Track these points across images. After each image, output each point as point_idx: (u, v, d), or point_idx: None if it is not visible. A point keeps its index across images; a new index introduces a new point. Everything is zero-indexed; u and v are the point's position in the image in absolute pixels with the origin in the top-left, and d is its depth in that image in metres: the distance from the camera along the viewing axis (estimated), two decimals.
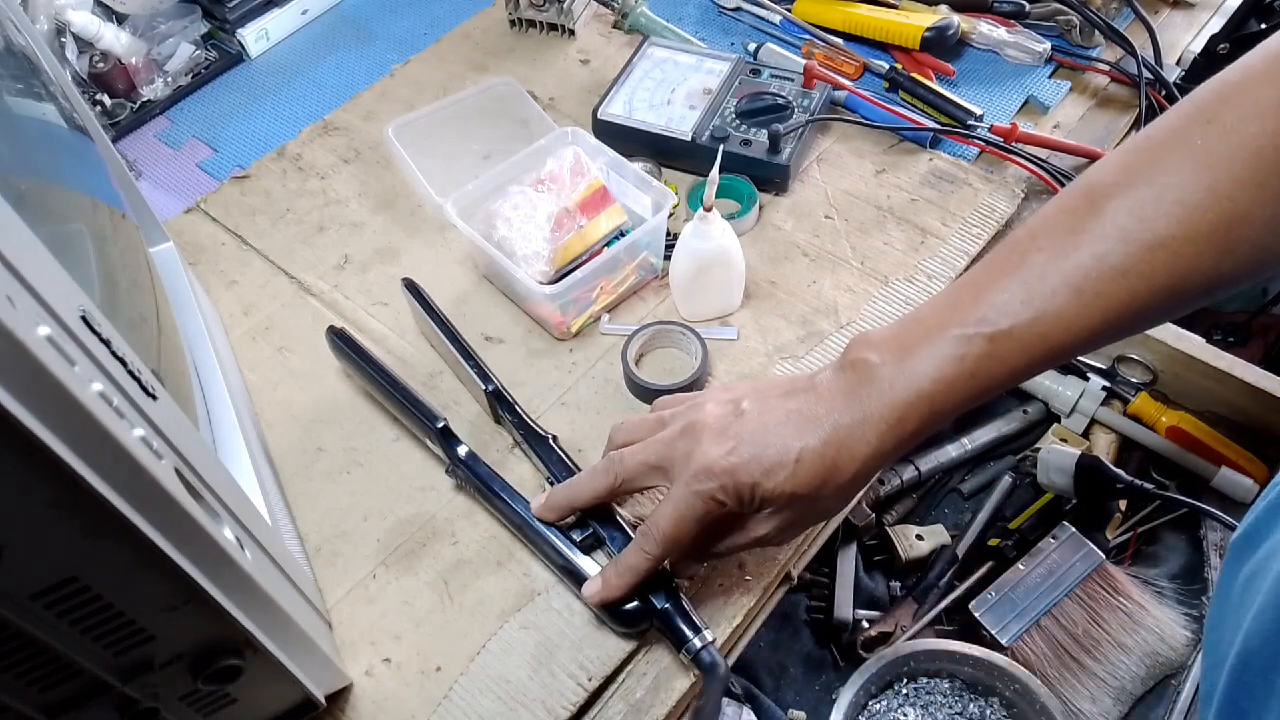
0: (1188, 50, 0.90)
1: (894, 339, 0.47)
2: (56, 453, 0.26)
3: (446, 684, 0.53)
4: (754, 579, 0.57)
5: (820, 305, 0.69)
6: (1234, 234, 0.42)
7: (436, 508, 0.60)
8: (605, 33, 0.93)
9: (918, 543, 0.72)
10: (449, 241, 0.75)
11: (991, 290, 0.45)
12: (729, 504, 0.48)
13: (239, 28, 0.91)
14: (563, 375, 0.67)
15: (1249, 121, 0.41)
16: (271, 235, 0.76)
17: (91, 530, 0.29)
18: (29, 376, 0.25)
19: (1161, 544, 0.70)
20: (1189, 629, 0.63)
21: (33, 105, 0.46)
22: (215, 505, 0.37)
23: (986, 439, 0.76)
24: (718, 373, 0.66)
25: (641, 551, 0.50)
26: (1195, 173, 0.42)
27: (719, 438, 0.48)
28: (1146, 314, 0.44)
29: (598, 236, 0.68)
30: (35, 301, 0.27)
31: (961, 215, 0.74)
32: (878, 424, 0.46)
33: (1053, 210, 0.46)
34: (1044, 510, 0.72)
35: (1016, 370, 0.45)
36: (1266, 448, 0.69)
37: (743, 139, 0.75)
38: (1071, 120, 0.84)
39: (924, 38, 0.85)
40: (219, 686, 0.39)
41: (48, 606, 0.30)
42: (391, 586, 0.57)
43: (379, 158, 0.82)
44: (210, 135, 0.86)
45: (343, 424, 0.64)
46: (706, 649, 0.51)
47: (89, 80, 0.85)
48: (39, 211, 0.38)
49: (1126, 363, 0.74)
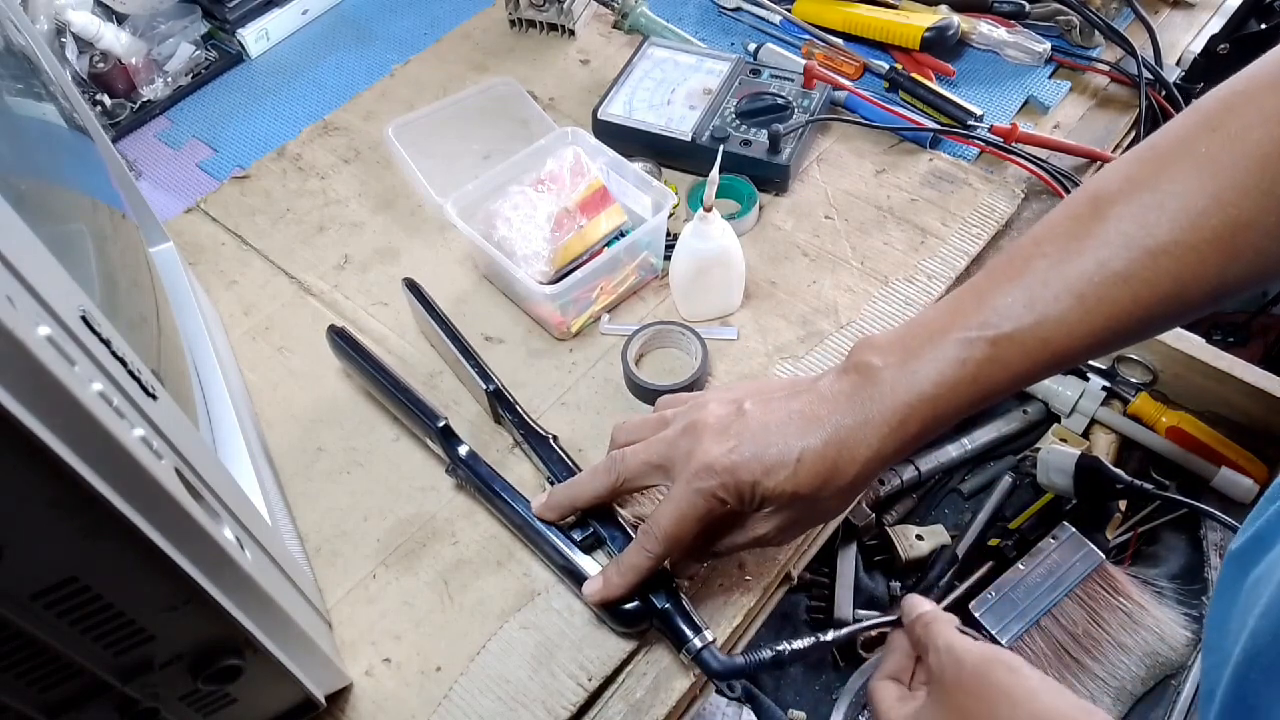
0: (1188, 50, 0.90)
1: (897, 342, 0.47)
2: (56, 453, 0.26)
3: (446, 684, 0.53)
4: (754, 579, 0.57)
5: (820, 305, 0.69)
6: (1238, 240, 0.42)
7: (436, 508, 0.60)
8: (605, 33, 0.93)
9: (918, 543, 0.72)
10: (449, 241, 0.75)
11: (994, 295, 0.45)
12: (730, 502, 0.48)
13: (239, 28, 0.91)
14: (563, 375, 0.67)
15: (1253, 129, 0.42)
16: (271, 235, 0.76)
17: (91, 530, 0.29)
18: (29, 376, 0.25)
19: (1161, 544, 0.70)
20: (1189, 629, 0.63)
21: (33, 105, 0.46)
22: (215, 505, 0.37)
23: (986, 439, 0.76)
24: (718, 373, 0.66)
25: (643, 550, 0.50)
26: (1199, 180, 0.42)
27: (720, 436, 0.48)
28: (1150, 320, 0.44)
29: (598, 236, 0.68)
30: (35, 301, 0.27)
31: (961, 215, 0.74)
32: (879, 426, 0.46)
33: (1057, 216, 0.46)
34: (1044, 510, 0.72)
35: (1018, 375, 0.45)
36: (1266, 448, 0.69)
37: (743, 139, 0.75)
38: (1071, 120, 0.84)
39: (924, 38, 0.85)
40: (219, 686, 0.39)
41: (48, 606, 0.30)
42: (391, 586, 0.57)
43: (379, 158, 0.82)
44: (210, 135, 0.86)
45: (343, 424, 0.64)
46: (708, 648, 0.51)
47: (89, 80, 0.85)
48: (39, 211, 0.38)
49: (1126, 363, 0.74)
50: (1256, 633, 0.36)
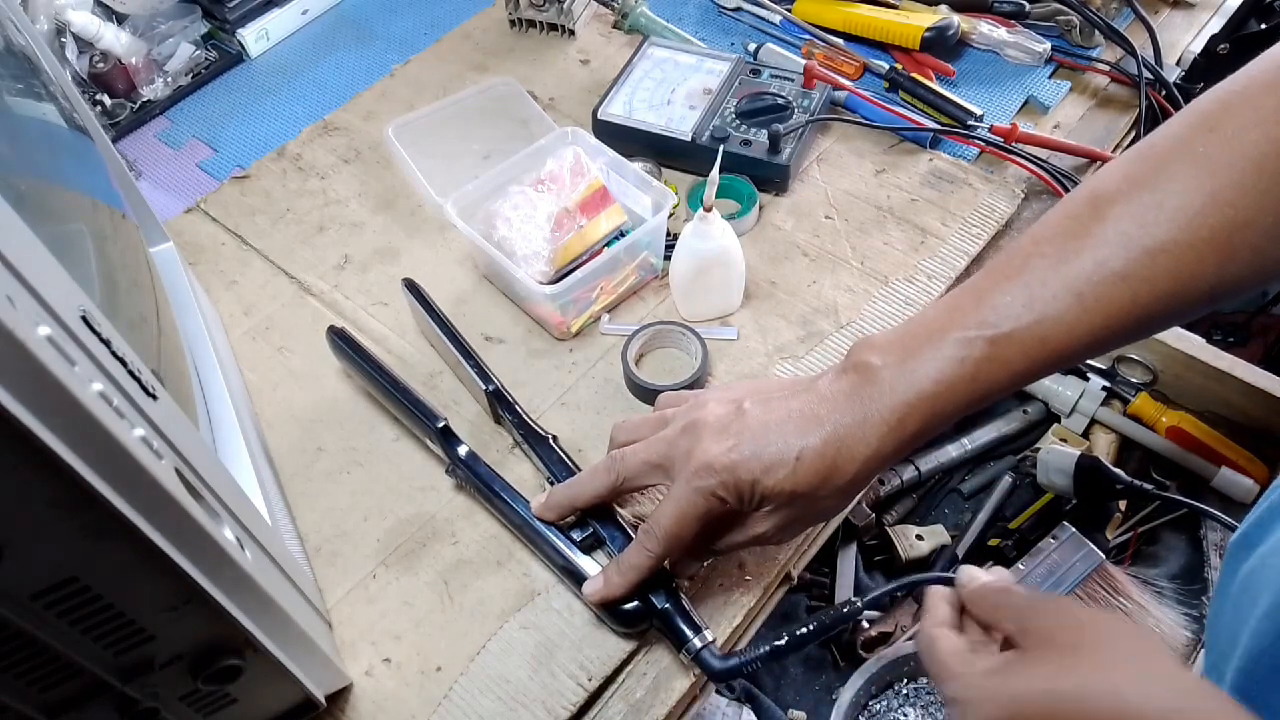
0: (1188, 50, 0.90)
1: (896, 342, 0.47)
2: (56, 453, 0.26)
3: (446, 684, 0.53)
4: (754, 579, 0.57)
5: (820, 305, 0.69)
6: (1235, 240, 0.42)
7: (436, 508, 0.60)
8: (605, 33, 0.93)
9: (918, 543, 0.72)
10: (449, 241, 0.75)
11: (993, 294, 0.45)
12: (729, 501, 0.48)
13: (239, 28, 0.91)
14: (563, 375, 0.67)
15: (1250, 129, 0.42)
16: (271, 235, 0.76)
17: (91, 530, 0.29)
18: (29, 376, 0.25)
19: (1161, 544, 0.70)
20: (1189, 629, 0.63)
21: (33, 105, 0.46)
22: (215, 505, 0.37)
23: (986, 439, 0.76)
24: (718, 373, 0.66)
25: (643, 549, 0.50)
26: (1197, 179, 0.43)
27: (720, 435, 0.48)
28: (1148, 319, 0.45)
29: (598, 236, 0.68)
30: (35, 301, 0.27)
31: (961, 215, 0.74)
32: (878, 425, 0.46)
33: (1056, 216, 0.47)
34: (1044, 510, 0.72)
35: (1017, 374, 0.45)
36: (1266, 448, 0.69)
37: (743, 139, 0.75)
38: (1071, 120, 0.84)
39: (924, 38, 0.85)
40: (219, 686, 0.39)
41: (48, 606, 0.30)
42: (391, 586, 0.57)
43: (379, 158, 0.82)
44: (210, 135, 0.86)
45: (343, 424, 0.64)
46: (708, 648, 0.51)
47: (89, 80, 0.85)
48: (39, 211, 0.38)
49: (1126, 363, 0.74)
50: (1260, 634, 0.36)
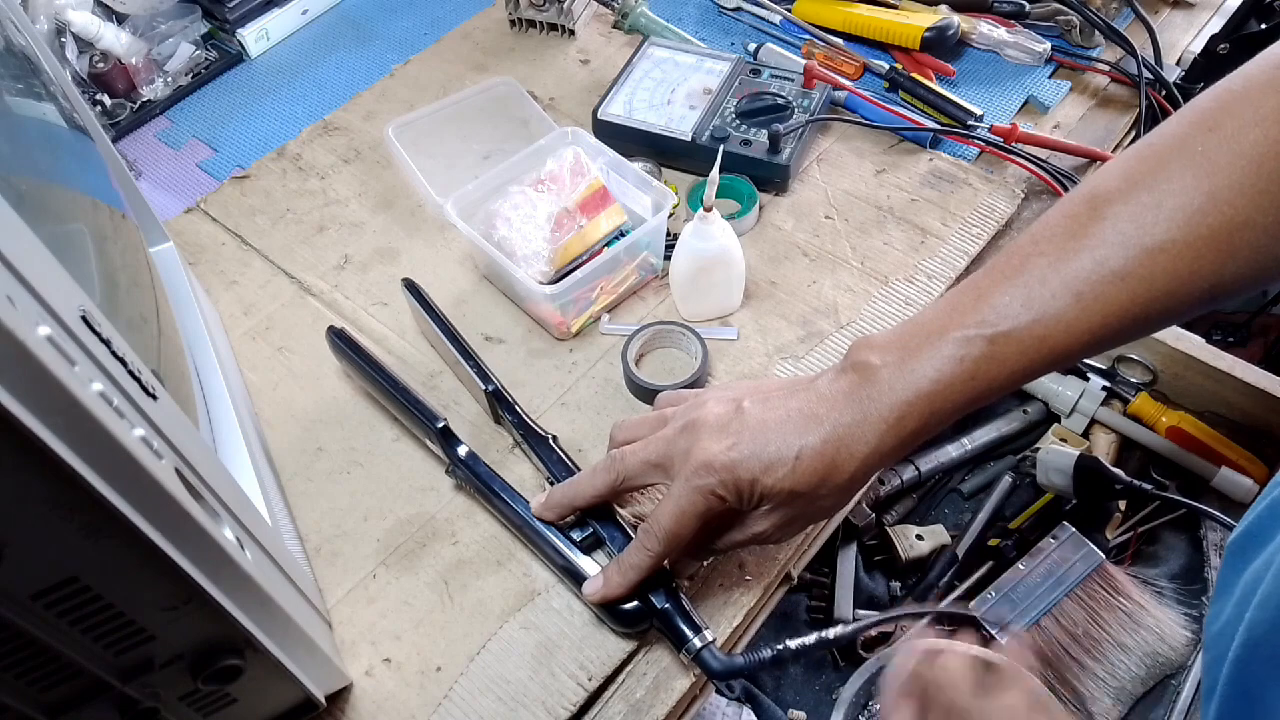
0: (1188, 50, 0.90)
1: (895, 341, 0.47)
2: (56, 453, 0.26)
3: (446, 684, 0.53)
4: (754, 579, 0.57)
5: (820, 305, 0.69)
6: (1234, 239, 0.42)
7: (436, 508, 0.60)
8: (605, 33, 0.93)
9: (918, 543, 0.72)
10: (449, 241, 0.75)
11: (992, 293, 0.45)
12: (729, 499, 0.48)
13: (239, 28, 0.91)
14: (563, 375, 0.67)
15: (1249, 129, 0.42)
16: (271, 235, 0.76)
17: (91, 530, 0.29)
18: (29, 376, 0.25)
19: (1161, 544, 0.70)
20: (1189, 629, 0.63)
21: (33, 105, 0.46)
22: (215, 505, 0.37)
23: (986, 439, 0.76)
24: (718, 373, 0.66)
25: (643, 549, 0.50)
26: (1196, 179, 0.43)
27: (719, 434, 0.48)
28: (1147, 319, 0.45)
29: (598, 236, 0.68)
30: (35, 301, 0.27)
31: (961, 215, 0.74)
32: (877, 424, 0.46)
33: (1055, 216, 0.47)
34: (1044, 510, 0.72)
35: (1016, 373, 0.45)
36: (1266, 448, 0.69)
37: (743, 139, 0.75)
38: (1071, 120, 0.84)
39: (924, 38, 0.85)
40: (219, 686, 0.39)
41: (48, 606, 0.30)
42: (391, 586, 0.57)
43: (379, 158, 0.82)
44: (210, 135, 0.86)
45: (343, 424, 0.64)
46: (708, 648, 0.51)
47: (89, 80, 0.85)
48: (39, 211, 0.38)
49: (1126, 363, 0.74)
50: (1254, 624, 0.36)
